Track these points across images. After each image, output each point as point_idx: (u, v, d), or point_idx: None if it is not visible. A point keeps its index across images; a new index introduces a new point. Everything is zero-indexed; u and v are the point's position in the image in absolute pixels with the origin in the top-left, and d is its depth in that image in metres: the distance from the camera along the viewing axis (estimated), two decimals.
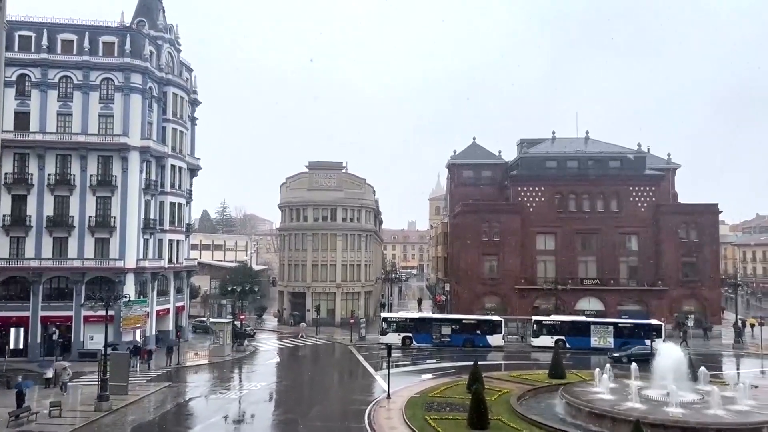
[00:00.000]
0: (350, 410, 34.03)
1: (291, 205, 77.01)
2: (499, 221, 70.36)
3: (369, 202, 79.47)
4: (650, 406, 28.86)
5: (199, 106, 65.15)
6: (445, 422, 29.18)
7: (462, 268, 71.76)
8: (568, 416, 29.97)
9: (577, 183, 71.11)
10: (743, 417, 27.33)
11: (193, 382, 42.15)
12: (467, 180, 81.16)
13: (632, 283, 69.52)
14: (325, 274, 74.81)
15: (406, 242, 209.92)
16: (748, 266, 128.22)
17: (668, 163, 77.19)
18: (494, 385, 37.02)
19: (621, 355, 50.59)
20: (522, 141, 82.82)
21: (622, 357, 50.04)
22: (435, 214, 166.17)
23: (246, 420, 33.17)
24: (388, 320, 60.17)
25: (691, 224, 69.61)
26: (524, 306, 67.94)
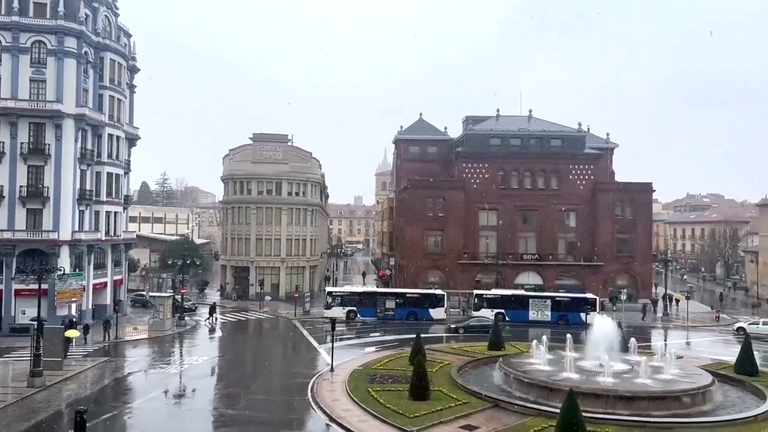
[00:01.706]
0: (293, 384, 34.12)
1: (234, 178, 75.56)
2: (444, 197, 71.20)
3: (315, 176, 78.81)
4: (584, 376, 30.07)
5: (138, 73, 62.71)
6: (387, 394, 29.65)
7: (407, 243, 72.46)
8: (506, 386, 30.88)
9: (519, 160, 72.52)
10: (668, 385, 28.86)
11: (132, 357, 41.29)
12: (413, 156, 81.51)
13: (570, 258, 71.87)
14: (269, 248, 74.07)
15: (352, 217, 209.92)
16: (678, 243, 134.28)
17: (606, 143, 79.52)
18: (436, 357, 37.77)
19: (458, 326, 52.70)
20: (467, 118, 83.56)
21: (459, 327, 52.35)
22: (381, 190, 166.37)
23: (187, 394, 32.83)
24: (332, 294, 60.37)
25: (627, 202, 72.27)
26: (467, 280, 69.30)
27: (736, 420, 26.17)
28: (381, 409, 27.43)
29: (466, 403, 28.11)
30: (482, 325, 52.13)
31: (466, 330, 51.68)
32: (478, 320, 54.13)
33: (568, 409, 23.08)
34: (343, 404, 28.97)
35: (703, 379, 29.72)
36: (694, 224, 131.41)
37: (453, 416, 26.29)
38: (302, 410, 29.21)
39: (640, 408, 26.68)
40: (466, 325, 52.99)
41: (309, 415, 28.53)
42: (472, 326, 52.47)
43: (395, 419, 26.00)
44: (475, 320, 54.14)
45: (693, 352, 46.61)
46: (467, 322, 53.55)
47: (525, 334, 50.69)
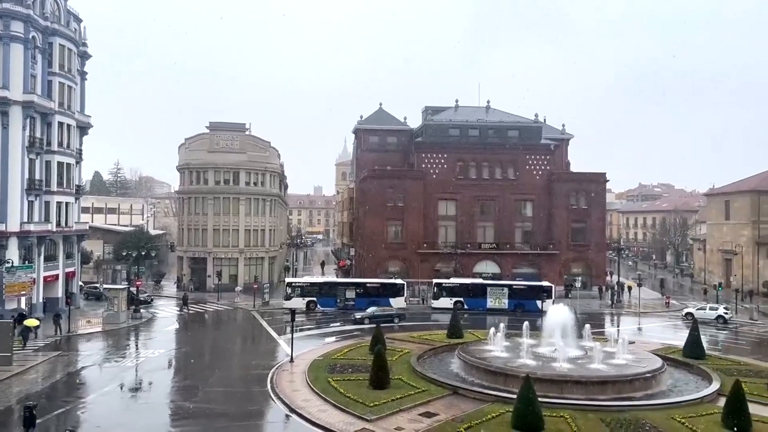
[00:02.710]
0: (252, 375, 33.87)
1: (190, 168, 74.14)
2: (404, 187, 71.49)
3: (274, 165, 77.98)
4: (540, 362, 30.73)
5: (89, 59, 60.73)
6: (347, 383, 29.72)
7: (367, 233, 72.56)
8: (465, 374, 31.33)
9: (477, 151, 73.30)
10: (620, 370, 29.76)
11: (85, 351, 40.28)
12: (373, 145, 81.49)
13: (526, 247, 73.18)
14: (227, 239, 73.07)
15: (312, 207, 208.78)
16: (630, 232, 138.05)
17: (562, 134, 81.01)
18: (396, 346, 38.02)
19: (363, 316, 51.62)
20: (427, 108, 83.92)
21: (364, 318, 51.27)
22: (341, 180, 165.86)
23: (143, 388, 32.23)
24: (292, 285, 60.08)
25: (581, 192, 73.91)
26: (426, 269, 69.88)
27: (684, 402, 27.16)
28: (341, 398, 27.49)
29: (425, 390, 28.41)
30: (387, 315, 52.20)
31: (371, 320, 50.50)
32: (383, 310, 53.31)
33: (524, 394, 23.63)
34: (303, 394, 28.92)
35: (654, 364, 30.75)
36: (645, 213, 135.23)
37: (412, 404, 26.55)
38: (262, 401, 29.04)
39: (594, 392, 27.45)
40: (371, 314, 51.84)
41: (268, 406, 28.40)
42: (377, 316, 51.43)
43: (355, 408, 26.12)
44: (379, 310, 53.02)
45: (644, 337, 48.10)
46: (371, 312, 52.34)
47: (483, 322, 51.42)
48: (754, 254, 75.90)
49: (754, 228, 76.24)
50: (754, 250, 75.92)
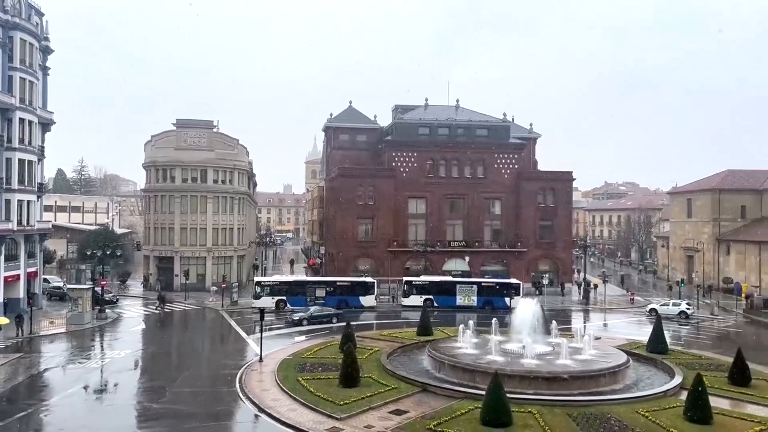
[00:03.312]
0: (221, 375, 33.53)
1: (157, 165, 72.94)
2: (374, 185, 71.52)
3: (242, 163, 77.19)
4: (508, 358, 31.07)
5: (51, 54, 59.28)
6: (317, 382, 29.63)
7: (337, 232, 72.39)
8: (435, 371, 31.51)
9: (447, 149, 73.70)
10: (587, 365, 30.26)
11: (48, 352, 39.36)
12: (343, 143, 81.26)
13: (495, 244, 73.89)
14: (194, 237, 72.06)
15: (281, 206, 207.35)
16: (596, 229, 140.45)
17: (530, 133, 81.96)
18: (366, 344, 38.03)
19: (302, 317, 50.13)
20: (397, 107, 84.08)
21: (302, 319, 49.83)
22: (311, 178, 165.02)
23: (109, 389, 31.63)
24: (261, 284, 59.64)
25: (548, 190, 74.88)
26: (396, 267, 70.06)
27: (648, 396, 27.79)
28: (311, 397, 27.40)
29: (395, 388, 28.49)
30: (325, 315, 51.29)
31: (309, 321, 49.71)
32: (321, 310, 52.23)
33: (493, 390, 23.88)
34: (272, 394, 28.74)
35: (619, 359, 31.35)
36: (611, 211, 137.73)
37: (382, 402, 26.61)
38: (230, 401, 28.77)
39: (561, 387, 27.87)
40: (309, 315, 50.54)
41: (237, 406, 28.15)
42: (315, 316, 50.60)
43: (325, 407, 26.06)
44: (317, 310, 51.98)
45: (610, 333, 49.04)
46: (310, 312, 51.20)
47: (453, 319, 51.79)
48: (714, 251, 77.94)
49: (714, 225, 78.27)
50: (714, 247, 77.96)
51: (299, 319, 50.06)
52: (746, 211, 78.09)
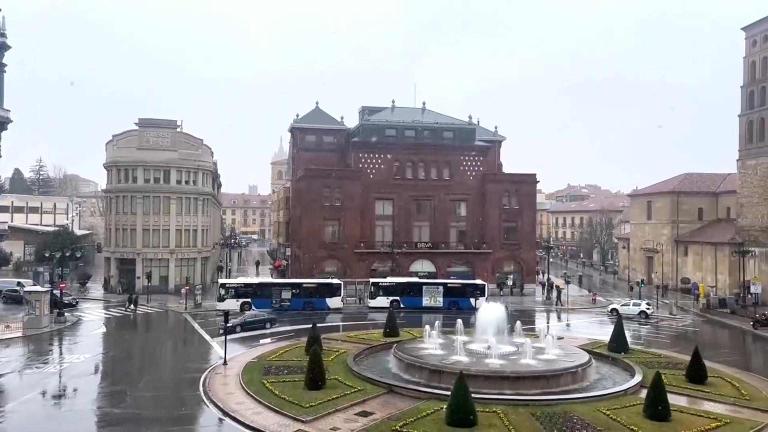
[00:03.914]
0: (184, 378, 33.01)
1: (119, 165, 71.46)
2: (341, 187, 71.35)
3: (206, 164, 76.17)
4: (474, 358, 31.37)
5: (8, 51, 57.46)
6: (282, 385, 29.41)
7: (303, 233, 72.00)
8: (401, 372, 31.59)
9: (413, 151, 74.00)
10: (550, 365, 30.74)
11: (4, 358, 38.09)
12: (310, 144, 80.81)
13: (461, 246, 74.48)
14: (157, 239, 70.82)
15: (246, 207, 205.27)
16: (559, 231, 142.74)
17: (495, 136, 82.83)
18: (332, 346, 37.91)
19: (234, 324, 46.28)
20: (363, 108, 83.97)
21: (236, 326, 46.44)
22: (277, 179, 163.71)
23: (68, 395, 30.84)
24: (225, 286, 58.92)
25: (513, 192, 75.82)
26: (363, 269, 70.00)
27: (609, 394, 28.36)
28: (276, 400, 27.18)
29: (361, 390, 28.47)
30: (259, 320, 48.79)
31: (243, 327, 47.16)
32: (254, 316, 49.72)
33: (458, 391, 24.04)
34: (236, 397, 28.41)
35: (581, 358, 31.92)
36: (573, 213, 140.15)
37: (348, 403, 26.55)
38: (194, 405, 28.35)
39: (525, 387, 28.26)
40: (242, 321, 47.79)
41: (201, 410, 27.76)
42: (248, 322, 48.01)
43: (290, 409, 25.88)
44: (250, 316, 49.49)
45: (572, 332, 49.89)
46: (243, 319, 48.44)
47: (419, 320, 51.98)
48: (673, 252, 80.00)
49: (673, 227, 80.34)
50: (673, 248, 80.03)
51: (232, 326, 45.04)
52: (703, 213, 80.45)
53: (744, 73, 69.67)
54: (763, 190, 65.91)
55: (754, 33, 68.19)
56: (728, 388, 30.20)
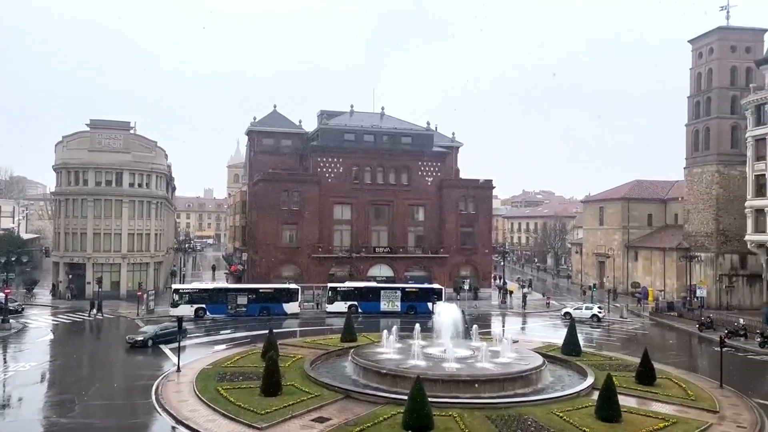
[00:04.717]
0: (136, 386, 32.18)
1: (69, 167, 69.37)
2: (299, 191, 70.92)
3: (160, 166, 74.64)
4: (431, 362, 31.53)
5: None
6: (237, 391, 28.98)
7: (260, 237, 71.23)
8: (358, 377, 31.49)
9: (372, 156, 74.13)
10: (505, 368, 31.13)
11: None
12: (267, 148, 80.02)
13: (418, 250, 74.94)
14: (108, 243, 68.98)
15: (202, 210, 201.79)
16: (514, 236, 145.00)
17: (452, 142, 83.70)
18: (289, 352, 37.55)
19: (146, 338, 42.67)
20: (322, 112, 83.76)
21: (147, 339, 42.57)
22: (234, 182, 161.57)
23: (12, 404, 29.63)
24: (179, 291, 57.77)
25: (470, 198, 76.77)
26: (321, 273, 69.67)
27: (562, 396, 28.88)
28: (231, 407, 26.76)
29: (318, 395, 28.28)
30: (172, 332, 42.36)
31: (155, 341, 42.58)
32: (166, 327, 45.04)
33: (415, 395, 24.11)
34: (190, 405, 27.84)
35: (536, 361, 32.41)
36: (528, 218, 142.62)
37: (305, 409, 26.33)
38: (145, 414, 27.66)
39: (481, 390, 28.52)
40: (154, 334, 43.23)
41: (153, 418, 27.10)
42: (161, 335, 43.43)
43: (245, 416, 25.51)
44: (163, 328, 45.00)
45: (527, 336, 50.67)
46: (155, 331, 43.86)
47: (377, 325, 51.97)
48: (624, 257, 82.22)
49: (624, 233, 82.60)
50: (624, 253, 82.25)
51: (143, 340, 42.18)
52: (652, 219, 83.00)
53: (690, 84, 72.29)
54: (708, 197, 68.45)
55: (699, 46, 70.86)
56: (675, 389, 31.16)
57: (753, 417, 27.51)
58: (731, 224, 66.42)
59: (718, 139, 67.77)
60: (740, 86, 67.01)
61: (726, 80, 68.01)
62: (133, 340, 42.62)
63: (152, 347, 42.05)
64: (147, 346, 42.00)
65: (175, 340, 41.34)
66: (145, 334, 43.27)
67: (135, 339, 42.64)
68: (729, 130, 67.99)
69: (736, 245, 65.54)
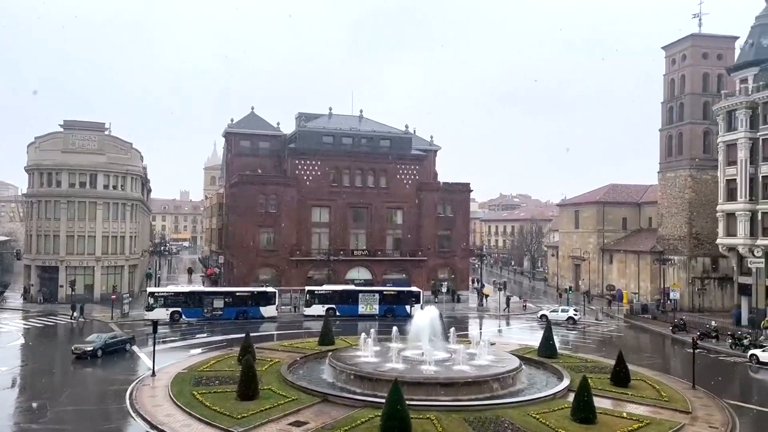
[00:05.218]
0: (109, 391, 31.68)
1: (41, 169, 68.12)
2: (276, 193, 70.55)
3: (136, 168, 73.67)
4: (409, 365, 31.56)
5: None
6: (213, 396, 28.70)
7: (237, 240, 70.70)
8: (336, 380, 31.40)
9: (351, 159, 74.07)
10: (483, 371, 31.28)
11: None
12: (245, 150, 79.47)
13: (397, 253, 75.04)
14: (82, 246, 67.84)
15: (178, 213, 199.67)
16: (492, 239, 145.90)
17: (430, 145, 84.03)
18: (266, 356, 37.30)
19: (95, 347, 39.34)
20: (300, 114, 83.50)
21: (96, 350, 39.25)
22: (210, 184, 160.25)
23: None
24: (155, 295, 57.05)
25: (448, 201, 77.12)
26: (299, 277, 69.35)
27: (538, 398, 29.12)
28: (207, 411, 26.49)
29: (295, 399, 28.13)
30: (121, 341, 41.36)
31: (104, 351, 39.65)
32: (114, 337, 42.25)
33: (392, 398, 24.08)
34: (165, 409, 27.50)
35: (512, 364, 32.64)
36: (505, 222, 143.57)
37: (282, 413, 26.17)
38: (119, 419, 27.25)
39: (458, 393, 28.64)
40: (103, 344, 39.86)
41: (127, 423, 26.71)
42: (110, 344, 40.50)
43: (221, 421, 25.28)
44: (111, 337, 41.86)
45: (504, 338, 50.96)
46: (104, 340, 40.44)
47: (355, 328, 51.83)
48: (599, 260, 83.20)
49: (599, 236, 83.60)
50: (599, 256, 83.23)
51: (93, 350, 38.90)
52: (627, 223, 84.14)
53: (664, 90, 73.50)
54: (681, 201, 69.61)
55: (673, 52, 72.11)
56: (649, 391, 31.61)
57: (724, 417, 28.05)
58: (703, 228, 67.61)
59: (691, 144, 68.98)
60: (712, 92, 68.35)
61: (698, 86, 69.30)
62: (81, 350, 39.00)
63: (101, 357, 38.96)
64: (96, 357, 38.92)
65: (123, 349, 40.81)
66: (93, 343, 39.65)
67: (83, 349, 39.09)
68: (701, 136, 69.26)
69: (708, 248, 66.73)
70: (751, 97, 56.32)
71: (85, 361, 38.54)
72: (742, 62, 60.95)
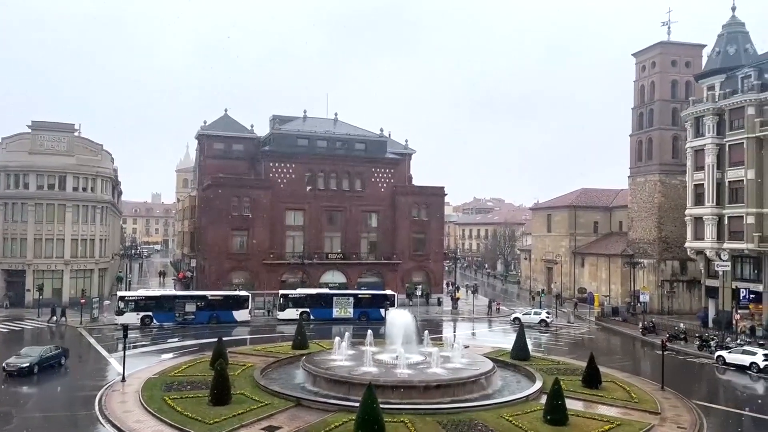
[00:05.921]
0: (78, 397, 31.05)
1: (8, 170, 66.52)
2: (250, 196, 70.02)
3: (106, 170, 72.44)
4: (383, 369, 31.56)
5: None
6: (185, 401, 28.33)
7: (210, 244, 69.97)
8: (310, 384, 31.25)
9: (325, 162, 73.90)
10: (456, 373, 31.42)
11: None
12: (218, 152, 78.69)
13: (371, 257, 75.06)
14: (50, 249, 66.41)
15: (149, 216, 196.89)
16: (466, 242, 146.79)
17: (405, 149, 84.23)
18: (239, 360, 36.96)
19: (31, 363, 34.90)
20: (274, 117, 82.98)
21: (32, 366, 34.87)
22: (182, 187, 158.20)
23: None
24: (125, 299, 56.11)
25: (422, 204, 77.42)
26: (272, 280, 68.87)
27: (511, 401, 29.35)
28: (178, 417, 26.14)
29: (268, 404, 27.91)
30: (56, 355, 37.61)
31: (41, 366, 35.56)
32: (50, 350, 37.62)
33: (366, 402, 24.06)
34: (135, 415, 27.06)
35: (486, 366, 32.85)
36: (479, 225, 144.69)
37: (255, 418, 25.94)
38: (88, 425, 26.72)
39: (432, 396, 28.75)
40: (39, 359, 35.64)
41: (96, 430, 26.18)
42: (47, 359, 36.33)
43: (194, 426, 24.96)
44: (46, 351, 37.10)
45: (478, 341, 51.29)
46: (40, 355, 36.10)
47: (329, 332, 51.61)
48: (571, 263, 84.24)
49: (571, 239, 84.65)
50: (571, 260, 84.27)
51: (29, 366, 34.61)
52: (598, 227, 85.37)
53: (634, 96, 74.84)
54: (651, 205, 70.88)
55: (643, 59, 73.48)
56: (620, 392, 32.08)
57: (692, 418, 28.60)
58: (672, 232, 68.90)
59: (660, 149, 70.30)
60: (680, 99, 69.77)
61: (667, 93, 70.69)
62: (16, 367, 34.33)
63: (38, 374, 35.12)
64: (33, 374, 34.90)
65: (58, 364, 37.47)
66: (29, 358, 35.31)
67: (18, 366, 34.42)
68: (670, 141, 70.64)
69: (677, 252, 68.02)
70: (718, 103, 57.66)
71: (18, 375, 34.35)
72: (709, 70, 62.38)
